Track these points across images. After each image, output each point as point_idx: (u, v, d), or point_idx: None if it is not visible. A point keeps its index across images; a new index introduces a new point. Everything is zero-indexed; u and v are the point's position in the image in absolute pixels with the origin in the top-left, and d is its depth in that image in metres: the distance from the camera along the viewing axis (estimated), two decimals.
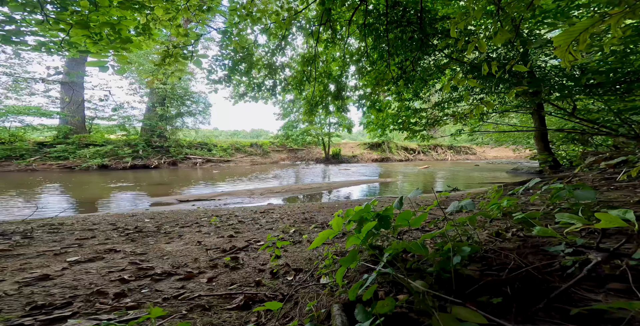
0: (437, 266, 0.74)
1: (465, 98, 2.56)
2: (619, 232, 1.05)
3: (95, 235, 2.04)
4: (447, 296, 0.59)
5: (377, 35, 4.39)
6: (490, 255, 0.96)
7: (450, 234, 1.13)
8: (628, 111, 3.82)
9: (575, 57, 0.69)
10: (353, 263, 0.69)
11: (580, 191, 0.96)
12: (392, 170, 11.55)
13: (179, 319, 0.80)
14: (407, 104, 5.62)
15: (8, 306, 0.92)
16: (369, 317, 0.55)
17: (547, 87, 4.01)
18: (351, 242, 0.76)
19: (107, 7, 2.53)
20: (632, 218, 0.76)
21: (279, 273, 1.13)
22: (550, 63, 4.52)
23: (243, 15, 4.26)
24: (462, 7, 4.73)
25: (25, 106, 12.51)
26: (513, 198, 1.70)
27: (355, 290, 0.62)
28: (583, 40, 0.65)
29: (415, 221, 0.86)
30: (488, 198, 2.20)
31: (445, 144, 22.45)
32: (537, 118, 5.81)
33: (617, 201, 1.61)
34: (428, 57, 5.11)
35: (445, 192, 2.23)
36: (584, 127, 4.74)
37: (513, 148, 10.91)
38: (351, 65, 5.21)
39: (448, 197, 3.11)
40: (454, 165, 15.11)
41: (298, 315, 0.71)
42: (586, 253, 0.82)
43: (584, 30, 0.63)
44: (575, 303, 0.63)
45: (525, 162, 9.86)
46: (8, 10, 2.24)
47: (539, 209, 1.67)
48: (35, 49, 2.51)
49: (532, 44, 3.17)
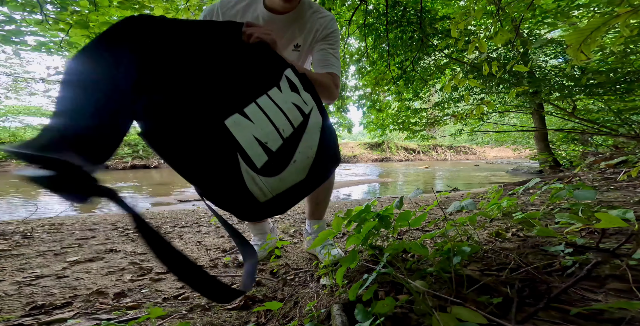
0: (437, 266, 0.74)
1: (466, 98, 2.56)
2: (619, 231, 1.05)
3: (95, 235, 2.05)
4: (447, 296, 0.59)
5: (377, 35, 4.39)
6: (490, 255, 0.96)
7: (450, 234, 1.13)
8: (628, 111, 3.82)
9: (587, 56, 0.68)
10: (353, 263, 0.69)
11: (580, 191, 0.96)
12: (392, 170, 11.56)
13: (179, 319, 0.80)
14: (407, 104, 5.62)
15: (8, 306, 0.92)
16: (369, 317, 0.55)
17: (547, 87, 4.00)
18: (351, 242, 0.76)
19: (106, 7, 2.54)
20: (632, 218, 0.76)
21: (279, 273, 1.13)
22: (550, 63, 4.52)
23: None
24: (462, 7, 4.73)
25: (25, 106, 12.51)
26: (513, 198, 1.70)
27: (355, 290, 0.62)
28: (594, 39, 0.65)
29: (415, 221, 0.86)
30: (488, 198, 2.20)
31: (445, 144, 22.45)
32: (537, 118, 5.81)
33: (617, 201, 1.61)
34: (428, 57, 5.11)
35: (445, 192, 2.23)
36: (584, 127, 4.74)
37: (513, 148, 10.92)
38: (351, 65, 5.21)
39: (448, 197, 3.11)
40: (454, 165, 15.11)
41: (298, 315, 0.71)
42: (586, 253, 0.82)
43: (596, 29, 0.63)
44: (575, 303, 0.63)
45: (525, 162, 9.87)
46: (8, 10, 2.24)
47: (539, 209, 1.67)
48: (35, 49, 2.51)
49: (532, 44, 3.17)
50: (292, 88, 0.76)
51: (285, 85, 0.74)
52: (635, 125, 3.95)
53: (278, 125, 0.67)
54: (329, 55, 1.09)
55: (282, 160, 0.65)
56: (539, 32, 4.59)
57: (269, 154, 0.63)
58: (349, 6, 4.32)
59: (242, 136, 0.61)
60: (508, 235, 1.18)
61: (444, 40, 4.16)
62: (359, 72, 5.18)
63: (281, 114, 0.68)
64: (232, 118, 0.61)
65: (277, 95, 0.71)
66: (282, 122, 0.68)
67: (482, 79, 4.29)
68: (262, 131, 0.64)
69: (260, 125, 0.64)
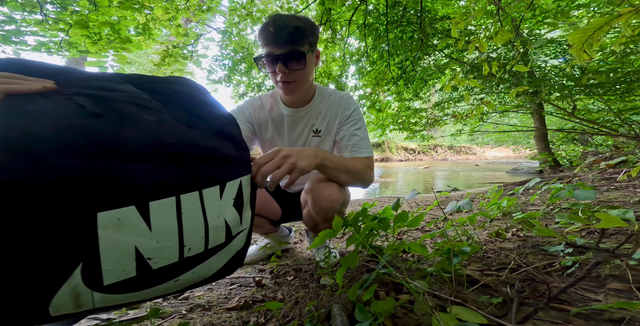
0: (437, 266, 0.74)
1: (466, 98, 2.56)
2: (619, 231, 1.05)
3: None
4: (447, 296, 0.59)
5: (377, 35, 4.38)
6: (490, 255, 0.96)
7: (450, 234, 1.13)
8: (628, 111, 3.82)
9: (590, 55, 0.68)
10: (353, 263, 0.69)
11: (580, 191, 0.96)
12: (392, 170, 11.55)
13: (179, 319, 0.80)
14: (407, 104, 5.62)
15: None
16: (369, 317, 0.55)
17: (547, 87, 4.00)
18: (351, 242, 0.76)
19: (106, 7, 2.53)
20: (632, 218, 0.76)
21: (279, 273, 1.13)
22: (550, 63, 4.52)
23: (243, 15, 4.25)
24: (462, 7, 4.73)
25: None
26: (513, 198, 1.70)
27: (355, 290, 0.62)
28: (596, 38, 0.65)
29: (412, 221, 0.86)
30: (488, 198, 2.20)
31: (445, 144, 22.44)
32: (537, 118, 5.80)
33: (617, 201, 1.61)
34: (428, 57, 5.10)
35: (445, 192, 2.23)
36: (584, 127, 4.74)
37: (513, 148, 10.91)
38: (351, 65, 5.21)
39: (448, 197, 3.11)
40: (454, 165, 15.11)
41: (298, 315, 0.71)
42: (586, 253, 0.82)
43: (598, 28, 0.63)
44: (575, 303, 0.63)
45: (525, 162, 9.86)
46: (8, 10, 2.24)
47: (538, 209, 1.67)
48: (35, 49, 2.51)
49: (532, 44, 3.17)
50: (237, 201, 0.56)
51: (231, 193, 0.54)
52: (635, 125, 3.95)
53: (187, 242, 0.45)
54: (355, 138, 1.05)
55: (156, 280, 0.44)
56: (539, 32, 4.59)
57: (140, 272, 0.41)
58: (349, 6, 4.32)
59: (112, 244, 0.38)
60: (508, 235, 1.18)
61: (444, 40, 4.17)
62: (359, 72, 5.18)
63: (202, 229, 0.47)
64: (114, 212, 0.38)
65: (212, 201, 0.49)
66: (194, 240, 0.46)
67: (482, 79, 4.29)
68: (156, 244, 0.41)
69: (159, 236, 0.41)
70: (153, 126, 0.44)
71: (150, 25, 3.53)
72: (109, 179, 0.38)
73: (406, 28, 4.07)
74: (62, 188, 0.35)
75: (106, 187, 0.38)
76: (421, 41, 4.00)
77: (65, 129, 0.36)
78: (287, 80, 0.95)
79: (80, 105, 0.39)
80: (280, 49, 0.89)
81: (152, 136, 0.43)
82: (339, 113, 1.10)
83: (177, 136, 0.46)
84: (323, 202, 0.96)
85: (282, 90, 1.00)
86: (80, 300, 0.38)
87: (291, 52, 0.90)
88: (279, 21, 0.87)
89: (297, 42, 0.90)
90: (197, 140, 0.49)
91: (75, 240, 0.36)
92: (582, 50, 0.68)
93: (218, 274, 0.56)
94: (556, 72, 4.30)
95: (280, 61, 0.90)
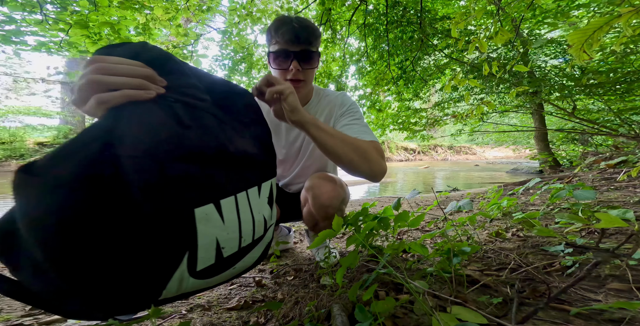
0: (437, 266, 0.74)
1: (466, 98, 2.56)
2: (619, 231, 1.05)
3: None
4: (447, 296, 0.59)
5: (377, 35, 4.38)
6: (490, 255, 0.96)
7: (450, 234, 1.13)
8: (628, 111, 3.82)
9: (590, 55, 0.68)
10: (353, 263, 0.69)
11: (580, 191, 0.96)
12: (392, 170, 11.55)
13: (179, 319, 0.80)
14: (407, 104, 5.61)
15: (8, 306, 0.92)
16: (369, 317, 0.55)
17: (547, 87, 4.00)
18: (351, 242, 0.76)
19: (106, 7, 2.53)
20: (632, 218, 0.76)
21: (279, 273, 1.13)
22: (550, 63, 4.52)
23: (243, 15, 4.25)
24: (462, 7, 4.73)
25: (25, 106, 12.51)
26: (513, 198, 1.70)
27: (355, 290, 0.62)
28: (596, 38, 0.65)
29: (413, 221, 0.86)
30: (488, 198, 2.20)
31: (445, 144, 22.44)
32: (537, 118, 5.80)
33: (617, 201, 1.61)
34: (428, 57, 5.10)
35: (445, 192, 2.23)
36: (584, 127, 4.74)
37: (513, 148, 10.92)
38: (351, 65, 5.21)
39: (448, 197, 3.11)
40: (454, 165, 15.11)
41: (298, 315, 0.71)
42: (586, 253, 0.82)
43: (599, 28, 0.63)
44: (575, 303, 0.63)
45: (525, 162, 9.87)
46: (8, 10, 2.24)
47: (539, 209, 1.67)
48: (35, 49, 2.51)
49: (532, 44, 3.17)
50: (270, 199, 0.66)
51: (266, 192, 0.64)
52: (635, 125, 3.95)
53: (243, 234, 0.56)
54: (355, 126, 0.98)
55: (224, 267, 0.54)
56: (539, 32, 4.59)
57: (217, 259, 0.51)
58: (349, 6, 4.32)
59: (204, 235, 0.47)
60: (508, 235, 1.18)
61: (444, 40, 4.16)
62: (359, 72, 5.18)
63: (251, 223, 0.57)
64: (204, 208, 0.47)
65: (254, 199, 0.59)
66: (247, 232, 0.57)
67: (482, 79, 4.29)
68: (227, 236, 0.52)
69: (229, 228, 0.52)
70: (222, 135, 0.53)
71: (150, 25, 3.53)
72: (199, 181, 0.47)
73: (406, 28, 4.07)
74: (175, 189, 0.43)
75: (197, 187, 0.47)
76: (421, 41, 4.00)
77: (170, 138, 0.44)
78: (298, 78, 0.96)
79: (178, 115, 0.47)
80: (298, 46, 0.91)
81: (221, 144, 0.52)
82: (334, 110, 1.10)
83: (234, 144, 0.55)
84: (323, 198, 0.97)
85: None
86: (182, 285, 0.47)
87: (308, 51, 0.93)
88: (297, 21, 0.91)
89: (314, 42, 0.94)
90: (246, 147, 0.58)
91: (183, 231, 0.45)
92: (582, 50, 0.68)
93: (254, 263, 0.66)
94: (556, 72, 4.30)
95: (296, 59, 0.92)
